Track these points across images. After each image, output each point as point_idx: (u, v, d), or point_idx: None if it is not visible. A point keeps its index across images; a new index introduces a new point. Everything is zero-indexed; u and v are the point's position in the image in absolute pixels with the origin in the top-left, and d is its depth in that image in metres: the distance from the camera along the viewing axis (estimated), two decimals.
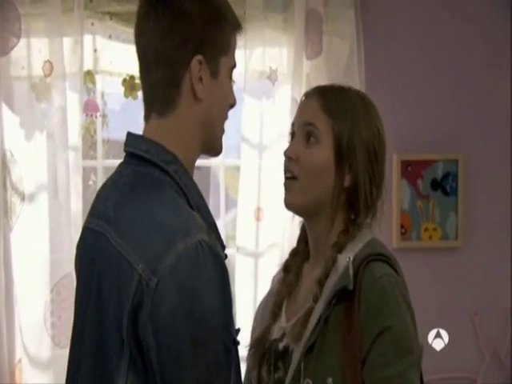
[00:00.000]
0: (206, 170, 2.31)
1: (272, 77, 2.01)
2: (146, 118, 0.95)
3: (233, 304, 0.92)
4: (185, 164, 0.94)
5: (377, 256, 1.04)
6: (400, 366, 0.99)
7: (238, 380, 0.93)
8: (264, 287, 1.94)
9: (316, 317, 1.03)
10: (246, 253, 1.99)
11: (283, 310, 1.12)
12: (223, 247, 0.95)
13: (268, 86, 2.00)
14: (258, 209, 1.99)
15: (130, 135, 0.97)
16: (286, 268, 1.17)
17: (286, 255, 1.93)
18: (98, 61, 1.91)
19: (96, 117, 1.92)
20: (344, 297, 1.03)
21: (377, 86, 2.11)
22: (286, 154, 1.09)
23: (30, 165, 1.79)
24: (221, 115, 0.96)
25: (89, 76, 1.89)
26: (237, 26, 0.97)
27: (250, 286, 1.96)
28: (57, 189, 1.77)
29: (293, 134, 1.12)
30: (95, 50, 1.90)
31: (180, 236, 0.86)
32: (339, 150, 1.07)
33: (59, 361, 1.69)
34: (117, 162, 0.90)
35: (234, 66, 0.97)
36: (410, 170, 2.17)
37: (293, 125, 1.13)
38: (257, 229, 1.97)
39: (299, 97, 2.02)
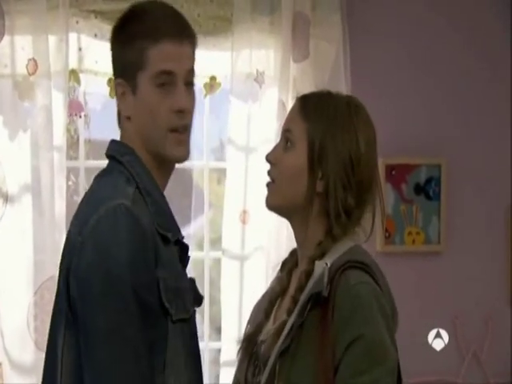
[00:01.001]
0: (188, 172, 2.30)
1: (259, 79, 2.01)
2: None
3: (163, 273, 0.97)
4: (152, 172, 1.03)
5: (354, 263, 1.04)
6: (372, 375, 0.98)
7: (191, 355, 0.99)
8: (250, 290, 1.96)
9: (290, 322, 1.03)
10: (231, 256, 1.98)
11: (274, 312, 1.12)
12: (177, 233, 1.03)
13: (255, 88, 2.00)
14: (244, 212, 1.98)
15: (110, 142, 1.09)
16: (282, 266, 1.18)
17: (271, 258, 1.97)
18: (83, 60, 1.88)
19: (80, 116, 1.89)
20: (319, 303, 1.02)
21: (362, 90, 2.12)
22: (266, 158, 1.12)
23: (13, 165, 1.75)
24: (153, 125, 1.01)
25: (73, 75, 1.86)
26: (153, 39, 1.00)
27: (236, 288, 1.95)
28: (40, 190, 1.73)
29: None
30: (80, 49, 1.88)
31: (105, 201, 0.97)
32: (312, 155, 1.06)
33: (42, 366, 1.66)
34: (99, 162, 0.93)
35: (163, 72, 1.00)
36: (394, 174, 2.19)
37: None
38: (243, 232, 1.97)
39: (286, 99, 2.02)
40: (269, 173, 1.11)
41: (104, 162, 2.18)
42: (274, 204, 1.11)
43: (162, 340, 0.96)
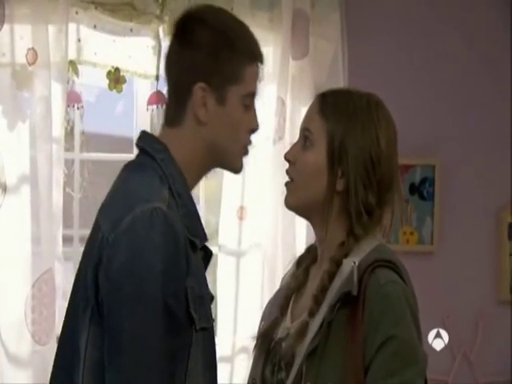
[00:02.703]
0: None
1: None
2: (161, 124, 1.07)
3: (192, 282, 0.97)
4: (186, 174, 1.03)
5: (383, 262, 1.03)
6: (404, 376, 0.98)
7: (210, 366, 0.99)
8: (246, 286, 1.96)
9: (317, 324, 1.03)
10: (228, 252, 1.98)
11: (289, 309, 1.11)
12: (204, 239, 1.03)
13: None
14: (242, 208, 1.98)
15: (140, 132, 1.07)
16: (299, 262, 1.17)
17: (268, 255, 1.97)
18: (82, 51, 1.86)
19: (78, 108, 1.87)
20: (348, 302, 1.02)
21: (359, 88, 2.13)
22: (285, 157, 1.11)
23: (12, 155, 1.73)
24: (231, 139, 1.03)
25: (72, 66, 1.84)
26: (251, 58, 1.02)
27: (232, 284, 1.95)
28: (38, 181, 1.71)
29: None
30: (79, 40, 1.86)
31: (141, 202, 0.96)
32: (332, 153, 1.06)
33: (39, 358, 1.65)
34: (93, 155, 0.91)
35: (252, 93, 1.04)
36: None
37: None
38: (240, 228, 1.96)
39: (285, 97, 2.03)
40: (287, 172, 1.10)
41: (98, 155, 2.18)
42: (293, 204, 1.10)
43: (184, 349, 0.96)
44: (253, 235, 1.97)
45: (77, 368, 0.96)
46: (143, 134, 1.07)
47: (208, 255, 1.06)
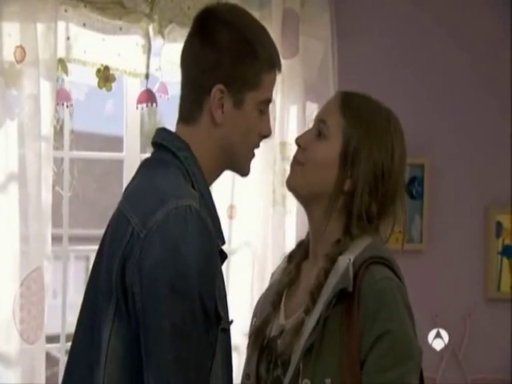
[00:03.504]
0: None
1: None
2: (177, 122, 1.08)
3: (219, 282, 0.98)
4: (202, 170, 1.04)
5: (378, 259, 1.05)
6: (399, 371, 0.99)
7: (228, 368, 0.99)
8: (236, 284, 1.96)
9: (313, 321, 1.03)
10: None
11: (282, 305, 1.12)
12: (223, 241, 1.03)
13: None
14: (231, 206, 1.98)
15: (157, 129, 1.08)
16: (290, 257, 1.18)
17: (258, 253, 1.97)
18: (71, 49, 1.85)
19: (67, 106, 1.87)
20: (343, 298, 1.03)
21: (349, 88, 2.14)
22: (296, 141, 1.12)
23: (0, 154, 1.72)
24: (244, 142, 1.05)
25: (61, 64, 1.83)
26: (271, 65, 1.04)
27: None
28: (26, 180, 1.71)
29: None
30: (68, 38, 1.85)
31: (173, 198, 0.96)
32: (345, 153, 1.08)
33: (28, 357, 1.64)
34: (83, 153, 0.89)
35: (268, 100, 1.05)
36: None
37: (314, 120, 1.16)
38: (229, 227, 1.97)
39: (275, 95, 2.02)
40: (296, 156, 1.11)
41: (88, 154, 2.17)
42: (296, 185, 1.10)
43: (211, 348, 0.97)
44: (243, 234, 1.98)
45: (98, 360, 0.95)
46: (162, 130, 1.07)
47: (223, 258, 1.06)
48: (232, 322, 1.02)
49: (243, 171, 1.08)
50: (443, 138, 2.30)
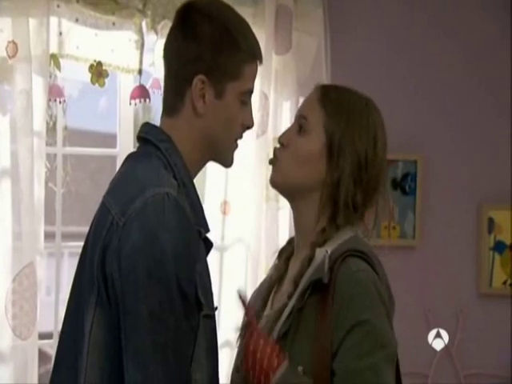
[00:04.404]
0: None
1: None
2: (161, 115, 1.08)
3: (200, 268, 0.98)
4: (185, 161, 1.04)
5: (355, 252, 1.05)
6: (372, 359, 0.99)
7: (213, 356, 1.00)
8: (229, 280, 1.96)
9: (290, 307, 1.05)
10: None
11: (270, 298, 1.14)
12: (207, 229, 1.04)
13: None
14: (225, 202, 1.98)
15: (142, 124, 1.09)
16: (280, 254, 1.19)
17: (251, 249, 1.97)
18: (64, 44, 1.85)
19: (60, 102, 1.86)
20: (319, 289, 1.04)
21: (341, 83, 2.14)
22: (279, 139, 1.13)
23: None
24: (226, 133, 1.05)
25: (53, 60, 1.83)
26: (252, 56, 1.05)
27: (215, 279, 1.95)
28: (19, 175, 1.70)
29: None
30: (60, 34, 1.84)
31: (151, 187, 0.97)
32: (329, 147, 1.09)
33: (20, 353, 1.64)
34: (76, 149, 0.90)
35: (250, 91, 1.06)
36: None
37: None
38: (223, 222, 1.97)
39: (268, 91, 2.03)
40: (275, 152, 1.13)
41: (81, 150, 2.16)
42: (279, 182, 1.12)
43: (192, 333, 0.97)
44: (236, 230, 1.98)
45: (81, 349, 0.97)
46: (146, 124, 1.08)
47: (208, 247, 1.07)
48: (216, 308, 1.02)
49: (226, 162, 1.09)
50: (436, 134, 2.31)
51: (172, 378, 0.93)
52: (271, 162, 1.13)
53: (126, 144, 2.08)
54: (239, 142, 1.09)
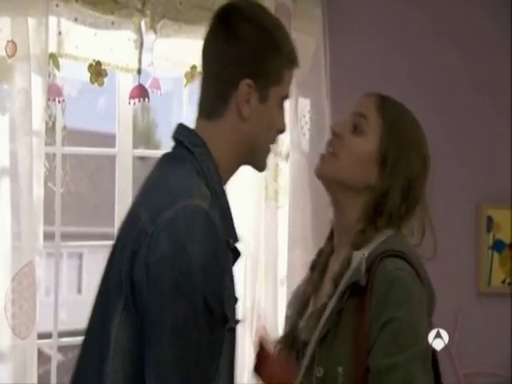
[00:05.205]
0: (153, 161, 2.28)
1: None
2: (197, 116, 1.08)
3: (228, 282, 0.98)
4: (221, 170, 1.04)
5: (392, 252, 1.08)
6: (400, 357, 1.02)
7: (230, 366, 1.00)
8: None
9: (329, 309, 1.08)
10: None
11: (311, 304, 1.17)
12: (236, 239, 1.05)
13: None
14: None
15: (177, 125, 1.08)
16: (312, 267, 1.21)
17: (250, 249, 1.96)
18: (63, 44, 1.85)
19: (59, 102, 1.86)
20: (358, 292, 1.07)
21: (340, 83, 2.15)
22: (332, 128, 1.17)
23: None
24: (266, 137, 1.07)
25: (52, 59, 1.83)
26: (291, 61, 1.06)
27: None
28: (18, 175, 1.70)
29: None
30: (59, 33, 1.84)
31: (183, 197, 0.97)
32: (382, 156, 1.13)
33: (19, 352, 1.64)
34: (77, 149, 0.88)
35: (286, 96, 1.07)
36: None
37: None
38: None
39: None
40: (331, 143, 1.15)
41: (80, 149, 2.16)
42: (326, 174, 1.14)
43: (218, 346, 0.97)
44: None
45: (106, 353, 0.97)
46: (180, 126, 1.07)
47: (236, 256, 1.07)
48: (239, 321, 1.02)
49: (261, 167, 1.10)
50: (435, 133, 2.30)
51: None
52: (327, 154, 1.14)
53: (125, 144, 2.08)
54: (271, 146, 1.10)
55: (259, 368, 1.10)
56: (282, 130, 1.08)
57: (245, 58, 1.03)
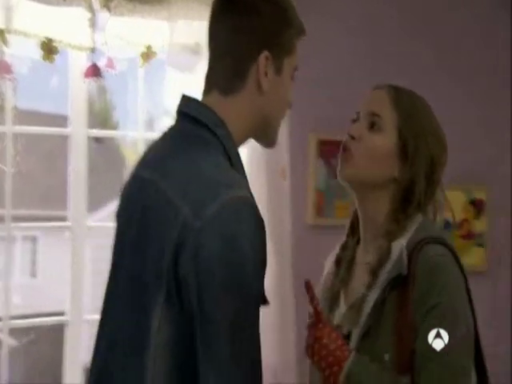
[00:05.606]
0: (116, 142, 2.24)
1: (196, 50, 1.99)
2: (206, 91, 1.05)
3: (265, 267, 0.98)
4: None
5: (431, 239, 1.11)
6: (448, 341, 1.05)
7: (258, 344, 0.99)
8: None
9: (371, 302, 1.10)
10: None
11: (342, 298, 1.18)
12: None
13: (192, 59, 1.98)
14: None
15: (184, 97, 1.06)
16: (338, 262, 1.22)
17: None
18: (12, 20, 1.79)
19: (10, 80, 1.80)
20: (399, 282, 1.08)
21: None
22: (349, 133, 1.17)
23: None
24: (280, 110, 1.06)
25: (1, 36, 1.77)
26: (301, 31, 1.07)
27: None
28: None
29: (354, 121, 1.19)
30: (8, 8, 1.78)
31: (224, 188, 0.95)
32: (402, 148, 1.15)
33: None
34: (29, 128, 0.83)
35: (296, 67, 1.07)
36: (326, 149, 2.25)
37: (357, 113, 1.19)
38: None
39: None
40: (347, 145, 1.16)
41: (32, 129, 2.11)
42: (350, 176, 1.16)
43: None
44: None
45: (147, 343, 0.95)
46: (193, 101, 1.04)
47: None
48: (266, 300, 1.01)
49: (273, 141, 1.08)
50: None
51: None
52: (344, 154, 1.16)
53: (79, 124, 2.04)
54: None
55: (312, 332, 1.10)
56: (291, 104, 1.08)
57: (261, 30, 1.02)
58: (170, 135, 1.05)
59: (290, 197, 2.07)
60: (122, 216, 1.07)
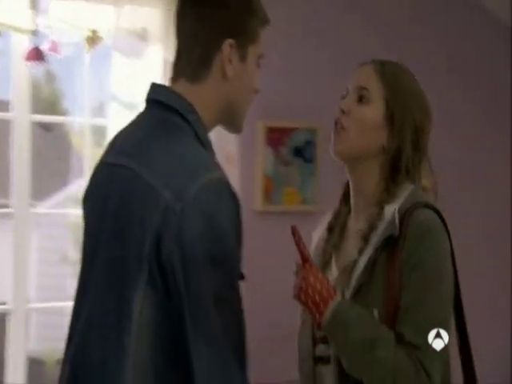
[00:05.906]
0: (65, 129, 2.19)
1: (143, 36, 1.98)
2: (174, 80, 1.08)
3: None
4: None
5: (421, 204, 1.15)
6: (427, 297, 1.11)
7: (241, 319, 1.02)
8: None
9: (363, 264, 1.14)
10: None
11: (333, 264, 1.22)
12: None
13: (139, 45, 1.96)
14: None
15: (153, 85, 1.08)
16: (330, 229, 1.25)
17: None
18: None
19: None
20: (390, 243, 1.14)
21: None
22: (340, 107, 1.21)
23: None
24: (246, 97, 1.09)
25: None
26: (264, 21, 1.10)
27: None
28: None
29: (344, 97, 1.22)
30: None
31: (202, 171, 0.99)
32: (390, 117, 1.19)
33: None
34: None
35: (261, 55, 1.10)
36: (274, 136, 2.27)
37: (346, 88, 1.22)
38: None
39: (172, 58, 2.01)
40: (339, 120, 1.20)
41: None
42: (343, 151, 1.19)
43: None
44: None
45: (127, 325, 0.97)
46: (162, 88, 1.07)
47: None
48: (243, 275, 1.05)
49: (239, 128, 1.11)
50: (332, 104, 2.38)
51: (241, 359, 0.97)
52: (336, 130, 1.19)
53: (22, 109, 1.99)
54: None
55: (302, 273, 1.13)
56: (257, 90, 1.11)
57: (226, 19, 1.06)
58: (141, 122, 1.07)
59: (239, 184, 2.08)
60: (91, 202, 1.08)
